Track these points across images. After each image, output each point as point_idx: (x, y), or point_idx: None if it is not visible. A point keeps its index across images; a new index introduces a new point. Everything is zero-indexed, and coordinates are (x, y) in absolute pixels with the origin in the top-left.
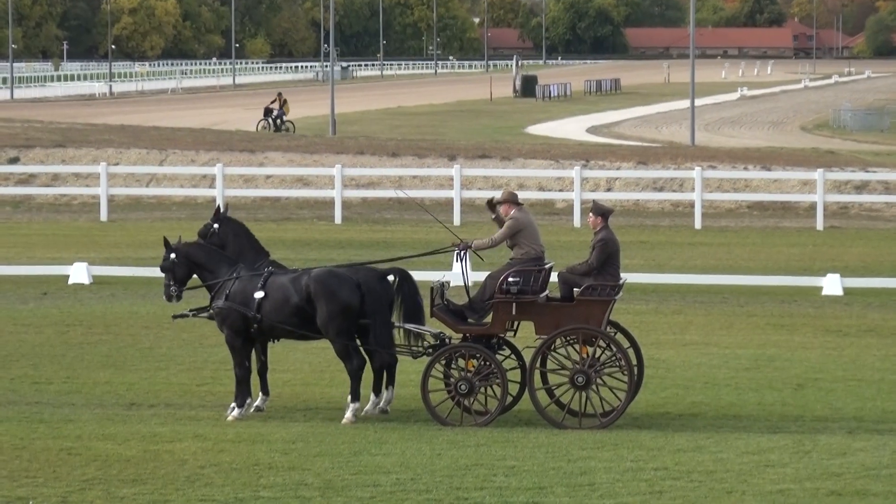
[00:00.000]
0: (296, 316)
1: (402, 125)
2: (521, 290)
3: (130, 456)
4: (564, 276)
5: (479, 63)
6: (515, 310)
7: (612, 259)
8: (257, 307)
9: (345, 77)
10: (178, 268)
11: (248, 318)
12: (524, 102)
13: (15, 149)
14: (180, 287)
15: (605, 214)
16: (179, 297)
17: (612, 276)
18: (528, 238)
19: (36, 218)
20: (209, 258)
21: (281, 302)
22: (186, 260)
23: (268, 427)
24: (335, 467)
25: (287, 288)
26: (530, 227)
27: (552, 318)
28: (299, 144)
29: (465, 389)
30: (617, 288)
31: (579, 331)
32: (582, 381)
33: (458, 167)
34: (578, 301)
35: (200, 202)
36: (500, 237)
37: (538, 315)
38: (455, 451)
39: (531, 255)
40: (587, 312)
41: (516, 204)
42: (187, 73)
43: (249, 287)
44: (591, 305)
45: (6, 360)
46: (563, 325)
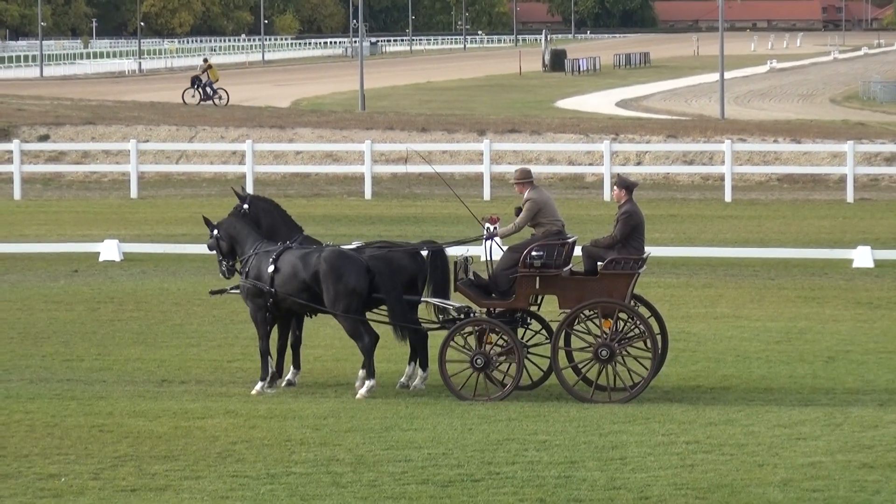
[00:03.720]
0: (304, 291)
1: (432, 100)
2: (545, 263)
3: (162, 432)
4: (588, 249)
5: (508, 38)
6: (539, 284)
7: (636, 232)
8: (270, 281)
9: (374, 52)
10: (221, 243)
11: (264, 292)
12: (553, 77)
13: (45, 126)
14: (230, 261)
15: (630, 188)
16: (231, 272)
17: (637, 250)
18: (546, 215)
19: (66, 195)
20: (239, 233)
21: (290, 276)
22: (227, 235)
23: (299, 403)
24: (366, 443)
25: (297, 264)
26: (548, 204)
27: (576, 292)
28: (329, 120)
29: (480, 364)
30: (641, 261)
31: (600, 304)
32: (606, 354)
33: (488, 142)
34: (602, 275)
35: (230, 179)
36: (522, 221)
37: (562, 289)
38: (486, 425)
39: (552, 231)
40: (611, 286)
41: (530, 182)
42: (216, 49)
43: (264, 262)
44: (614, 279)
45: (38, 338)
46: (586, 299)
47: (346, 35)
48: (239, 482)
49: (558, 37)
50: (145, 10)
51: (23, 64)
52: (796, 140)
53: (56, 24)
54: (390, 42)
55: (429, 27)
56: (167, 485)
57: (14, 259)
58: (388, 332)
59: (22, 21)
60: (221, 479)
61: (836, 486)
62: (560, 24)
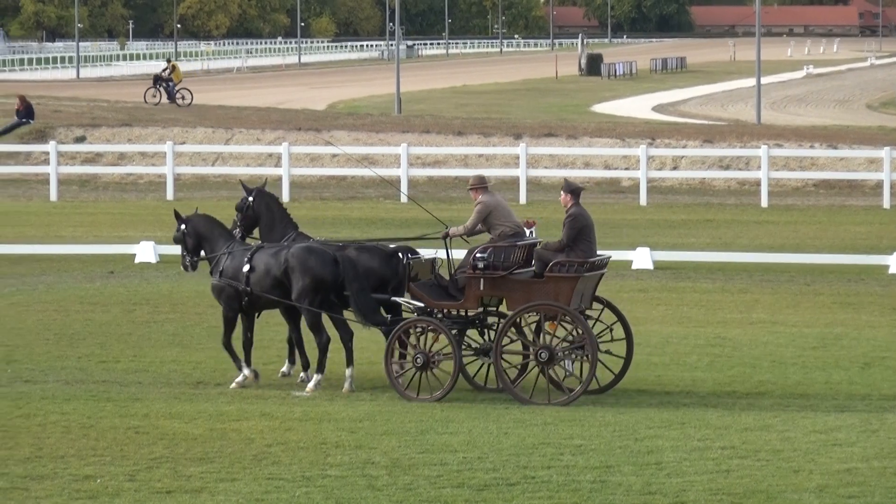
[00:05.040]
0: (277, 288)
1: (468, 104)
2: (489, 265)
3: (197, 434)
4: (539, 252)
5: (545, 42)
6: (484, 285)
7: (583, 235)
8: (245, 280)
9: (410, 56)
10: (188, 238)
11: (239, 291)
12: (590, 81)
13: (81, 128)
14: (193, 257)
15: (576, 192)
16: (194, 267)
17: (584, 253)
18: (499, 218)
19: (102, 197)
20: (210, 231)
21: (263, 274)
22: (193, 231)
23: (335, 406)
24: (402, 446)
25: (269, 261)
26: (499, 208)
27: (522, 295)
28: (365, 123)
29: (420, 362)
30: (586, 265)
31: (541, 307)
32: (545, 357)
33: (524, 146)
34: (547, 278)
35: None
36: (471, 223)
37: (509, 291)
38: (522, 429)
39: (507, 233)
40: (556, 289)
41: (484, 188)
42: (252, 52)
43: (238, 261)
44: (559, 282)
45: (74, 339)
46: (532, 301)
47: (382, 38)
48: (274, 484)
49: (595, 41)
50: (182, 12)
51: (59, 65)
52: (833, 146)
53: (93, 25)
54: (427, 45)
55: (465, 31)
56: (203, 487)
57: (50, 260)
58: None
59: (59, 22)
60: (257, 482)
61: (871, 493)
62: (596, 28)
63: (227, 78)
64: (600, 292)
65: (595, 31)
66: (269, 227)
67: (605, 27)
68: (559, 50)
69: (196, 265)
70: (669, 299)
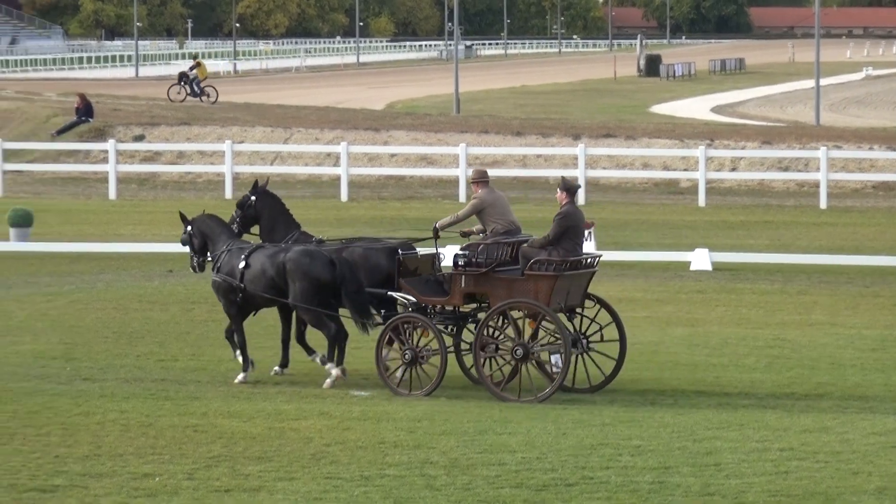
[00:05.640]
0: (272, 289)
1: (527, 104)
2: (470, 262)
3: (256, 433)
4: (524, 249)
5: (603, 42)
6: (465, 282)
7: (570, 234)
8: (240, 277)
9: (469, 56)
10: (193, 239)
11: (234, 288)
12: (648, 82)
13: (140, 126)
14: (199, 258)
15: (572, 190)
16: (202, 267)
17: (568, 251)
18: (494, 215)
19: (161, 195)
20: (213, 231)
21: (258, 274)
22: (198, 232)
23: (393, 405)
24: (460, 446)
25: (265, 262)
26: (496, 204)
27: (504, 292)
28: (423, 123)
29: (408, 358)
30: (566, 264)
31: (517, 305)
32: (520, 353)
33: (583, 146)
34: (527, 276)
35: (325, 180)
36: (463, 214)
37: (491, 288)
38: (581, 430)
39: (498, 230)
40: (535, 287)
41: (485, 182)
42: (311, 51)
43: (235, 259)
44: (538, 280)
45: (132, 338)
46: (514, 298)
47: (441, 38)
48: (333, 484)
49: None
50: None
51: (118, 64)
52: (892, 147)
53: (152, 24)
54: (485, 45)
55: (524, 31)
56: (261, 486)
57: (109, 259)
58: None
59: (118, 21)
60: (315, 481)
61: None
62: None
63: (286, 77)
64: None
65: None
66: (271, 227)
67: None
68: (618, 51)
69: (203, 266)
70: (728, 301)
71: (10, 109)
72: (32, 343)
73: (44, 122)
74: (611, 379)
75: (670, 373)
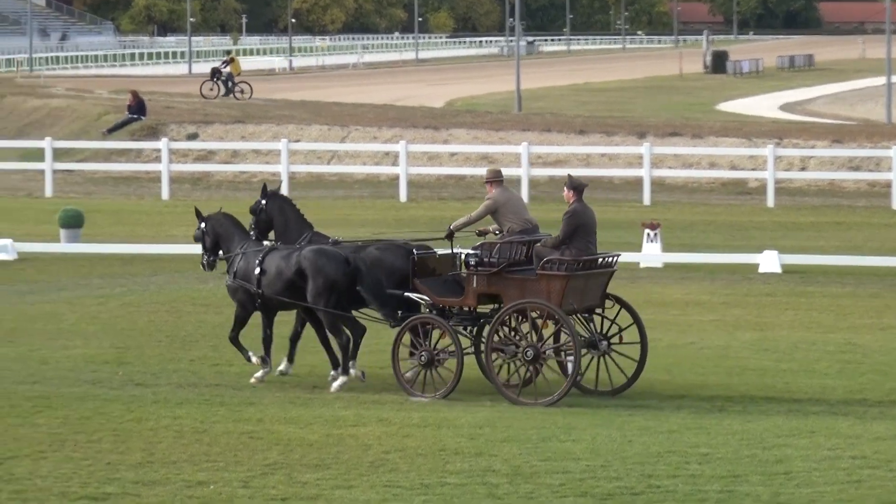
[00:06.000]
0: (289, 290)
1: (590, 101)
2: (482, 262)
3: (313, 440)
4: (537, 249)
5: (668, 38)
6: (478, 282)
7: (581, 232)
8: (257, 282)
9: (530, 52)
10: (206, 237)
11: (252, 293)
12: (715, 78)
13: (194, 124)
14: (211, 256)
15: (579, 188)
16: (211, 266)
17: (580, 251)
18: (508, 215)
19: (215, 195)
20: (227, 231)
21: (274, 276)
22: (212, 230)
23: (454, 411)
24: (523, 453)
25: (280, 263)
26: (509, 203)
27: (517, 292)
28: (484, 121)
29: (424, 360)
30: (579, 264)
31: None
32: (531, 355)
33: (648, 145)
34: (539, 276)
35: (383, 180)
36: (476, 215)
37: (504, 288)
38: (646, 437)
39: (514, 229)
40: (548, 287)
41: (499, 182)
42: (369, 47)
43: (251, 263)
44: (550, 280)
45: (186, 341)
46: (526, 299)
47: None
48: (392, 492)
49: (720, 37)
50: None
51: (171, 60)
52: None
53: (205, 19)
54: (547, 41)
55: (587, 26)
56: (318, 494)
57: (162, 260)
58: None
59: (170, 16)
60: (374, 489)
61: None
62: (721, 24)
63: (343, 74)
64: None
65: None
66: (284, 229)
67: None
68: (683, 47)
69: (214, 264)
70: (798, 304)
71: (60, 107)
72: (83, 347)
73: (95, 121)
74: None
75: (739, 378)
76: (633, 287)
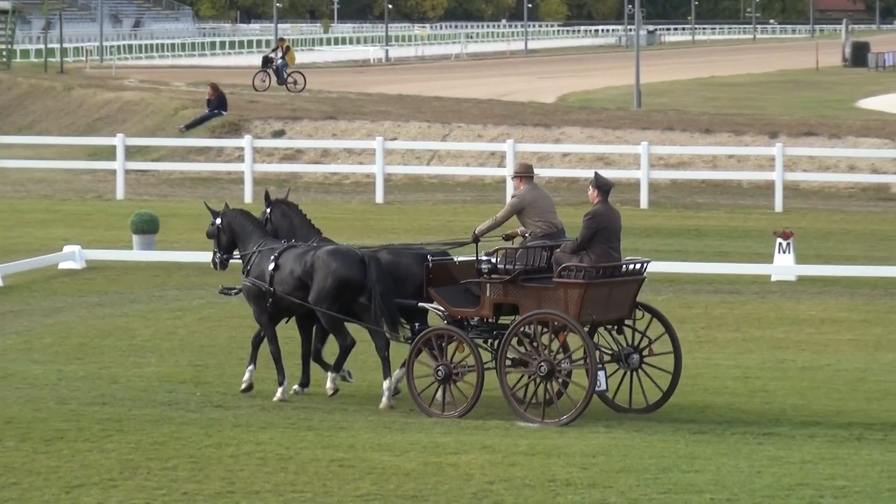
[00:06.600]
0: (300, 290)
1: (716, 97)
2: (494, 269)
3: (410, 469)
4: (557, 255)
5: (804, 28)
6: (492, 291)
7: (602, 236)
8: (270, 280)
9: (651, 42)
10: (221, 234)
11: (264, 292)
12: (854, 72)
13: (280, 121)
14: (224, 255)
15: (604, 187)
16: (224, 265)
17: (600, 257)
18: (533, 215)
19: (303, 198)
20: (244, 228)
21: (287, 274)
22: (228, 227)
23: (565, 439)
24: (641, 485)
25: (294, 261)
26: (536, 203)
27: (534, 302)
28: (600, 118)
29: (441, 375)
30: (599, 270)
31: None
32: (545, 370)
33: (780, 146)
34: (556, 284)
35: (488, 182)
36: (501, 217)
37: (521, 297)
38: (777, 468)
39: (537, 233)
40: (566, 297)
41: (529, 178)
42: (473, 36)
43: (265, 261)
44: (568, 288)
45: (270, 360)
46: (544, 308)
47: (619, 22)
48: None
49: (861, 27)
50: None
51: (255, 49)
52: None
53: (293, 5)
54: (670, 31)
55: (713, 14)
56: None
57: None
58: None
59: (254, 2)
60: None
61: None
62: (863, 12)
63: (444, 65)
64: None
65: (861, 17)
66: (290, 235)
67: (872, 11)
68: (820, 37)
69: (226, 263)
70: None
71: (133, 101)
72: (158, 365)
73: (171, 116)
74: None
75: (879, 404)
76: (763, 302)
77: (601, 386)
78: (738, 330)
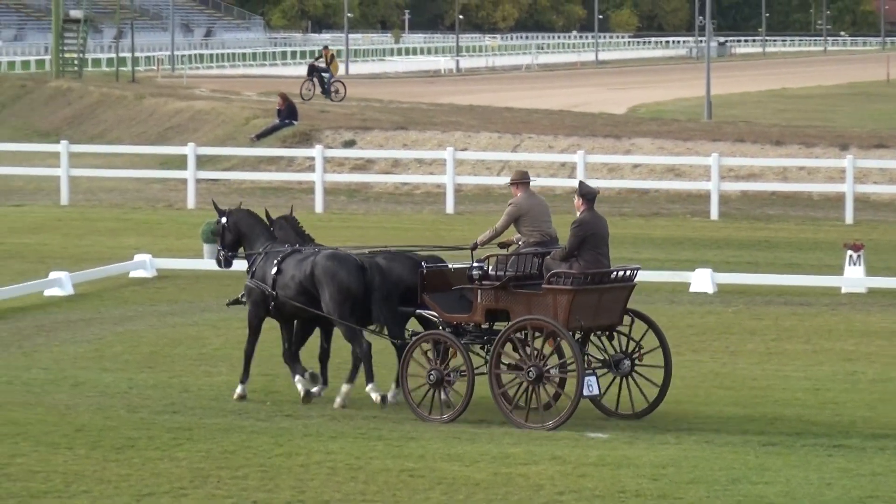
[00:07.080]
0: (302, 295)
1: (787, 109)
2: (485, 275)
3: (480, 479)
4: (547, 262)
5: (875, 40)
6: (483, 297)
7: (590, 244)
8: (272, 284)
9: (722, 54)
10: (227, 233)
11: (266, 295)
12: None
13: (351, 131)
14: (228, 253)
15: (589, 196)
16: (228, 263)
17: (589, 263)
18: (528, 223)
19: (373, 209)
20: (251, 229)
21: (288, 279)
22: (234, 226)
23: (634, 450)
24: (710, 496)
25: (295, 266)
26: (532, 211)
27: (524, 308)
28: (671, 130)
29: (433, 379)
30: (587, 277)
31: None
32: (533, 374)
33: (851, 157)
34: (546, 290)
35: (559, 193)
36: (501, 226)
37: (512, 303)
38: (847, 480)
39: (531, 241)
40: (555, 303)
41: (525, 184)
42: (544, 47)
43: (268, 264)
44: (557, 295)
45: (341, 369)
46: (533, 315)
47: (690, 34)
48: None
49: None
50: (464, 2)
51: None
52: None
53: (363, 15)
54: (741, 42)
55: (784, 26)
56: None
57: None
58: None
59: (325, 12)
60: None
61: None
62: None
63: (515, 76)
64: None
65: None
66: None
67: None
68: (891, 49)
69: (230, 261)
70: None
71: (204, 110)
72: (229, 374)
73: (242, 125)
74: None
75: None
76: (833, 314)
77: (593, 391)
78: (808, 342)
